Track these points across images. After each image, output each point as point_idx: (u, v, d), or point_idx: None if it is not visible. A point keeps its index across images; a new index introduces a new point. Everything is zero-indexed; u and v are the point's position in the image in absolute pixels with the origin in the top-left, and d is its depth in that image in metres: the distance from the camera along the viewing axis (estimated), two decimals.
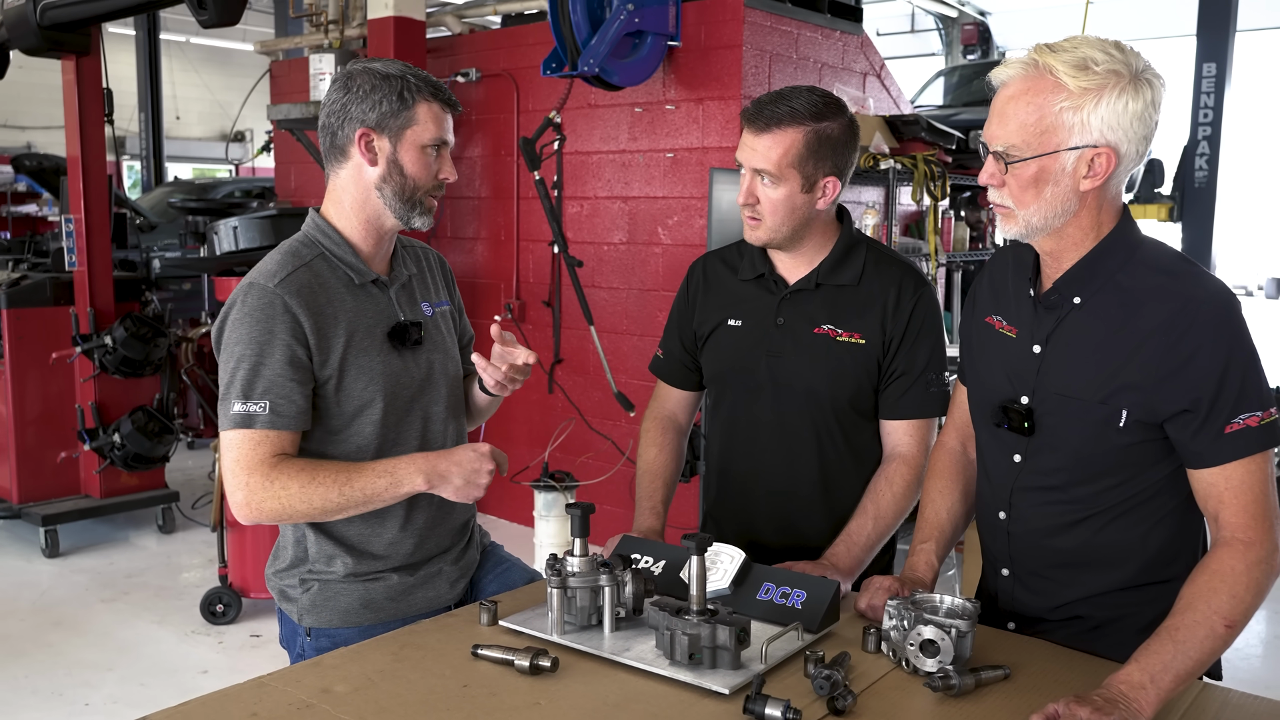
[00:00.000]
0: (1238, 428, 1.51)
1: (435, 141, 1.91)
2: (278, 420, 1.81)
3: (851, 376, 2.05)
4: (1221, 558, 1.51)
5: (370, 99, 1.87)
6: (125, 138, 17.64)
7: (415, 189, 1.92)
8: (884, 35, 13.65)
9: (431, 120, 1.90)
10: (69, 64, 5.09)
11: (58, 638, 4.22)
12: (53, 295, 5.29)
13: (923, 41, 14.18)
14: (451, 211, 5.88)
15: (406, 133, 1.89)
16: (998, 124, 1.57)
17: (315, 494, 1.80)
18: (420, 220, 1.95)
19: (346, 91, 1.90)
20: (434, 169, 1.93)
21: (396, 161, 1.90)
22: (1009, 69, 1.57)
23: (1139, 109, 1.52)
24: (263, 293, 1.84)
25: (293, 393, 1.82)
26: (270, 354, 1.81)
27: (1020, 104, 1.55)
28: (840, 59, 5.26)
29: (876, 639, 1.66)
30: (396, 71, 1.89)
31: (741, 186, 2.02)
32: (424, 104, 1.89)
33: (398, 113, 1.87)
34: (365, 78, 1.89)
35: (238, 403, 1.81)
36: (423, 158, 1.91)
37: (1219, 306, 1.54)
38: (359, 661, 1.63)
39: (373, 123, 1.88)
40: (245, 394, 1.81)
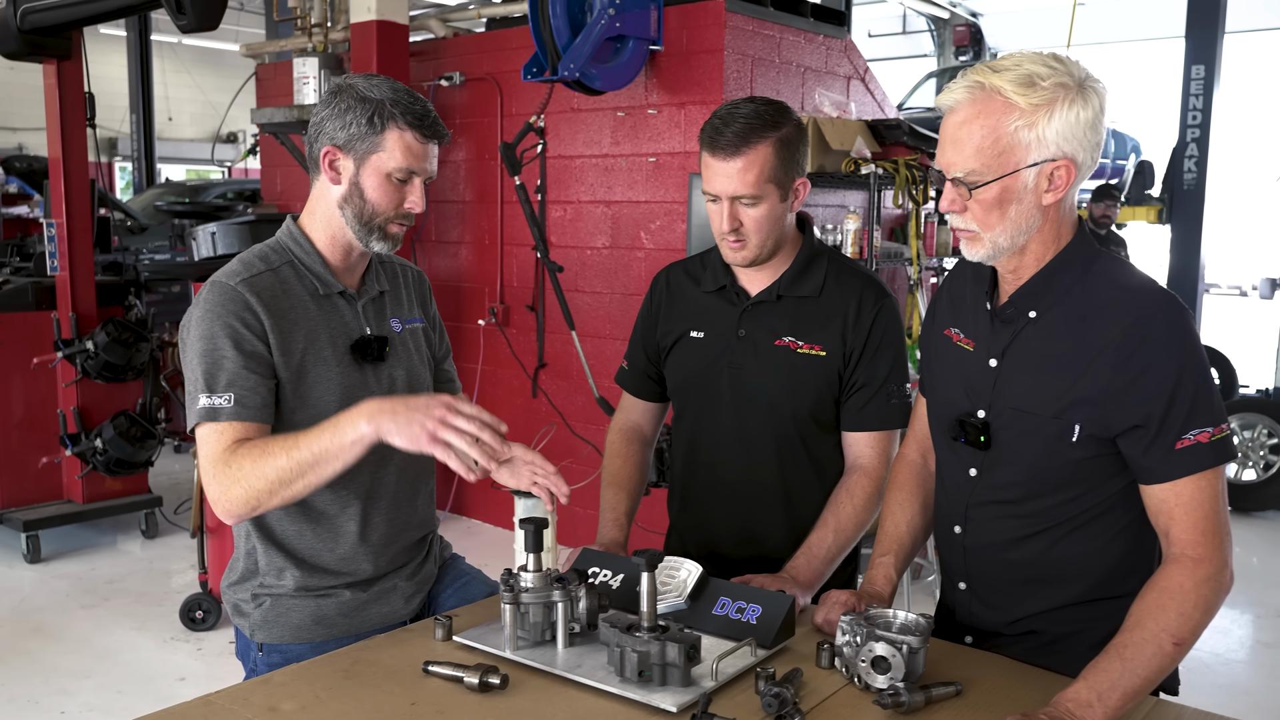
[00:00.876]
0: (1189, 444, 1.51)
1: (401, 171, 1.86)
2: (243, 412, 1.78)
3: (812, 388, 2.05)
4: (1170, 575, 1.51)
5: (344, 118, 1.85)
6: (117, 139, 17.63)
7: (375, 215, 1.88)
8: (876, 36, 13.66)
9: (400, 149, 1.84)
10: (50, 68, 5.08)
11: (36, 644, 4.21)
12: (35, 300, 5.27)
13: (915, 43, 14.19)
14: (436, 216, 5.88)
15: (371, 157, 1.85)
16: (953, 150, 1.56)
17: (268, 466, 1.72)
18: (380, 245, 1.92)
19: (328, 106, 1.88)
20: (398, 197, 1.88)
21: (358, 184, 1.87)
22: (955, 94, 1.56)
23: (1090, 117, 1.52)
24: (223, 289, 1.84)
25: (255, 385, 1.80)
26: (230, 348, 1.79)
27: (974, 128, 1.54)
28: (824, 63, 5.26)
29: (830, 655, 1.66)
30: (378, 95, 1.84)
31: (720, 215, 1.98)
32: (395, 131, 1.84)
33: (365, 136, 1.84)
34: (346, 95, 1.86)
35: (203, 397, 1.78)
36: (386, 185, 1.86)
37: (1171, 322, 1.53)
38: (309, 678, 1.62)
39: (340, 142, 1.86)
40: (209, 388, 1.78)
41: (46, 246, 5.23)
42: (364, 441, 1.71)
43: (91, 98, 5.22)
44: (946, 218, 1.64)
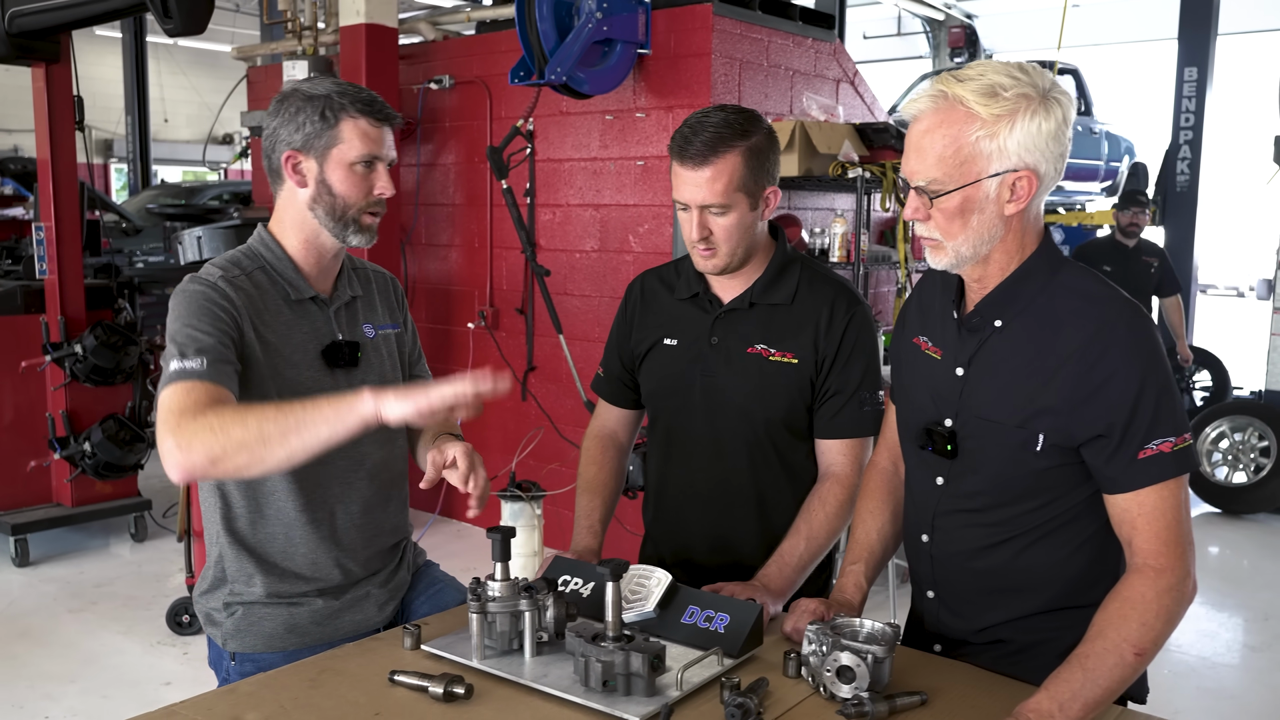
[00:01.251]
0: (1151, 453, 1.51)
1: (364, 158, 1.88)
2: (218, 375, 1.73)
3: (784, 396, 2.05)
4: (1133, 584, 1.51)
5: (295, 121, 1.87)
6: (113, 140, 17.64)
7: (347, 207, 1.90)
8: (870, 38, 13.66)
9: (358, 137, 1.87)
10: (39, 71, 5.07)
11: (22, 649, 4.20)
12: (23, 303, 5.26)
13: (910, 44, 14.19)
14: (426, 219, 5.88)
15: (332, 152, 1.87)
16: (916, 159, 1.57)
17: (250, 418, 1.63)
18: (358, 238, 1.93)
19: (277, 115, 1.89)
20: (366, 186, 1.91)
21: (325, 181, 1.89)
22: (919, 103, 1.56)
23: (1052, 128, 1.52)
24: (202, 282, 1.85)
25: (228, 359, 1.77)
26: (209, 325, 1.79)
27: (936, 137, 1.54)
28: (812, 66, 5.26)
29: (797, 664, 1.66)
30: (323, 91, 1.88)
31: (690, 224, 1.99)
32: (349, 121, 1.87)
33: (321, 133, 1.86)
34: (293, 99, 1.88)
35: (175, 361, 1.74)
36: (351, 175, 1.89)
37: (1135, 331, 1.54)
38: (274, 688, 1.62)
39: (298, 144, 1.87)
40: (182, 354, 1.74)
41: (35, 250, 5.22)
42: (363, 420, 1.62)
43: (80, 101, 5.22)
44: (911, 225, 1.64)
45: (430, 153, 5.81)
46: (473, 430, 5.66)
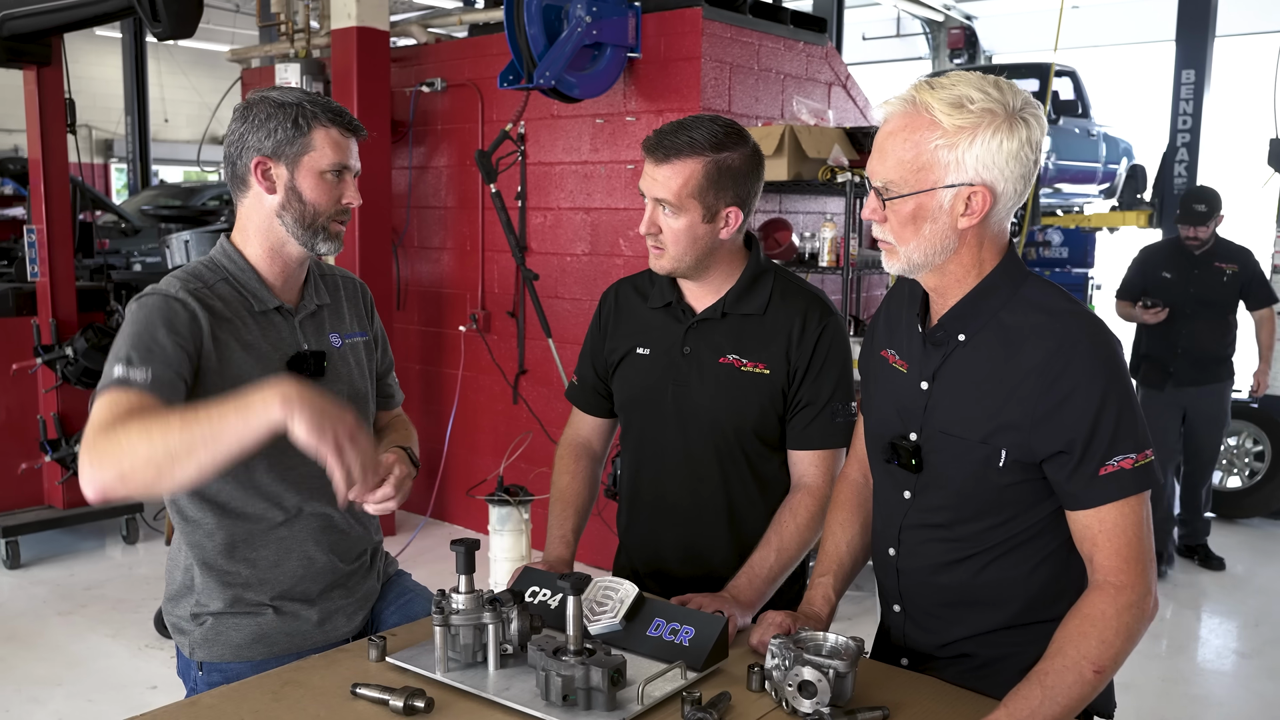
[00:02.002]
0: (1112, 470, 1.50)
1: (334, 167, 1.89)
2: (158, 388, 1.70)
3: (756, 406, 2.04)
4: (1093, 602, 1.50)
5: (266, 127, 1.86)
6: (113, 140, 17.66)
7: (316, 215, 1.90)
8: (870, 39, 13.65)
9: (330, 146, 1.88)
10: (30, 74, 5.09)
11: (9, 651, 4.21)
12: (15, 305, 5.27)
13: (909, 46, 14.18)
14: (418, 221, 5.88)
15: (303, 159, 1.87)
16: (878, 160, 1.57)
17: (155, 432, 1.57)
18: (325, 246, 1.94)
19: (243, 121, 1.89)
20: (335, 194, 1.91)
21: (295, 188, 1.89)
22: (890, 105, 1.56)
23: (1014, 148, 1.51)
24: (161, 293, 1.84)
25: (174, 377, 1.74)
26: (161, 335, 1.77)
27: (898, 140, 1.54)
28: (804, 69, 5.25)
29: (760, 677, 1.65)
30: (293, 99, 1.88)
31: (645, 216, 2.01)
32: (321, 130, 1.87)
33: (293, 139, 1.86)
34: (262, 106, 1.88)
35: (119, 366, 1.71)
36: (321, 184, 1.89)
37: (1096, 347, 1.53)
38: (236, 700, 1.62)
39: (269, 150, 1.87)
40: (128, 360, 1.71)
41: (26, 252, 5.23)
42: (272, 428, 1.56)
43: (72, 103, 5.23)
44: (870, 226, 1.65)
45: (422, 155, 5.81)
46: (465, 433, 5.67)
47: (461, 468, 5.73)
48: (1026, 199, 1.63)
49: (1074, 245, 11.49)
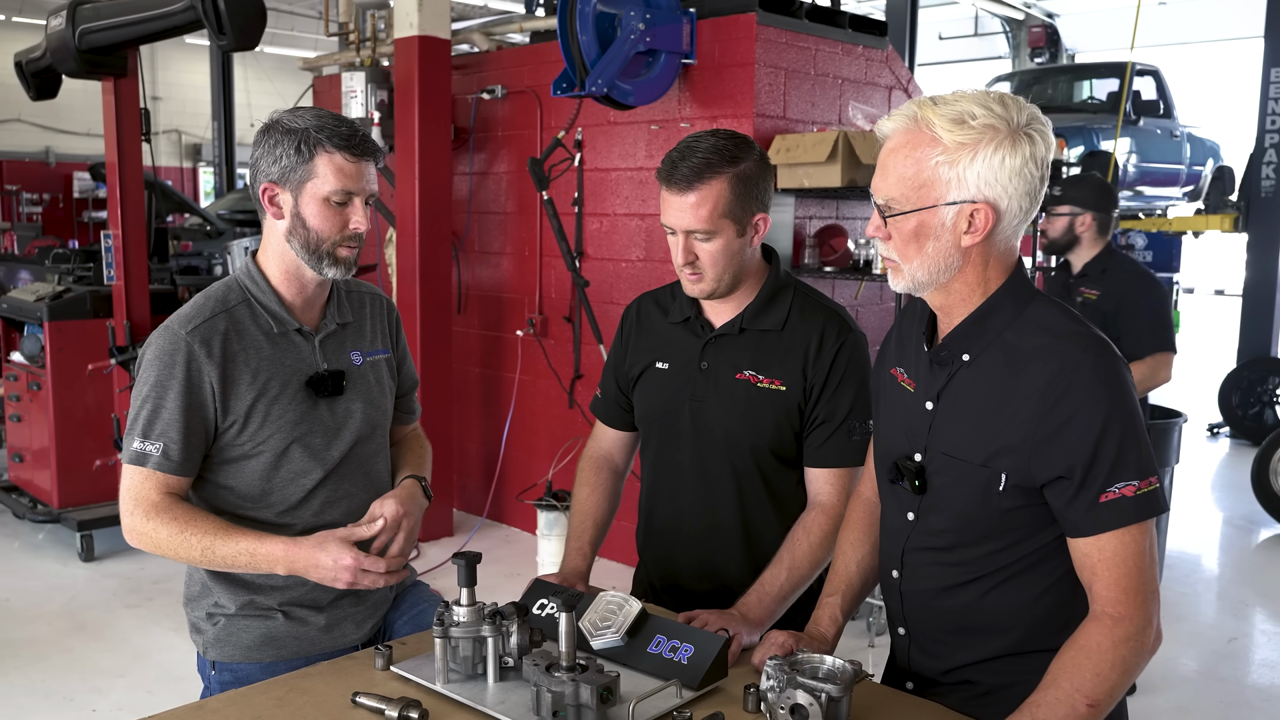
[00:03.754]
0: (1113, 497, 1.46)
1: (337, 193, 1.89)
2: (166, 464, 1.87)
3: (771, 423, 2.03)
4: (1089, 633, 1.46)
5: (273, 153, 1.89)
6: (201, 145, 18.23)
7: (320, 241, 1.91)
8: (946, 39, 13.42)
9: (333, 172, 1.88)
10: (108, 85, 5.27)
11: (78, 642, 4.38)
12: (92, 308, 5.48)
13: (988, 45, 13.90)
14: (479, 226, 5.95)
15: (307, 186, 1.89)
16: (880, 176, 1.56)
17: (182, 547, 1.86)
18: (333, 271, 1.95)
19: (259, 145, 1.92)
20: (340, 220, 1.91)
21: (299, 215, 1.90)
22: (891, 122, 1.55)
23: (1017, 165, 1.48)
24: (173, 338, 1.90)
25: (185, 438, 1.88)
26: (170, 398, 1.87)
27: (899, 157, 1.52)
28: (863, 74, 5.19)
29: (756, 699, 1.64)
30: (302, 124, 1.88)
31: (676, 248, 1.99)
32: (324, 155, 1.87)
33: (296, 166, 1.88)
34: (274, 131, 1.90)
35: (136, 440, 1.88)
36: (325, 209, 1.90)
37: (1100, 370, 1.49)
38: (241, 705, 1.66)
39: (275, 176, 1.90)
40: (145, 433, 1.87)
41: (104, 256, 5.42)
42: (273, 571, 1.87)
43: (147, 113, 5.40)
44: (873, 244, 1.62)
45: (483, 161, 5.88)
46: (522, 436, 5.73)
47: (518, 470, 5.78)
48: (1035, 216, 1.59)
49: (1158, 249, 11.14)
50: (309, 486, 1.98)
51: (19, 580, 5.10)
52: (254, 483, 1.95)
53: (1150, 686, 4.09)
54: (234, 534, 1.85)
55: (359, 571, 1.82)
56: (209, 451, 1.93)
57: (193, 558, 1.86)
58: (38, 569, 5.26)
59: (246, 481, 1.95)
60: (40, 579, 5.12)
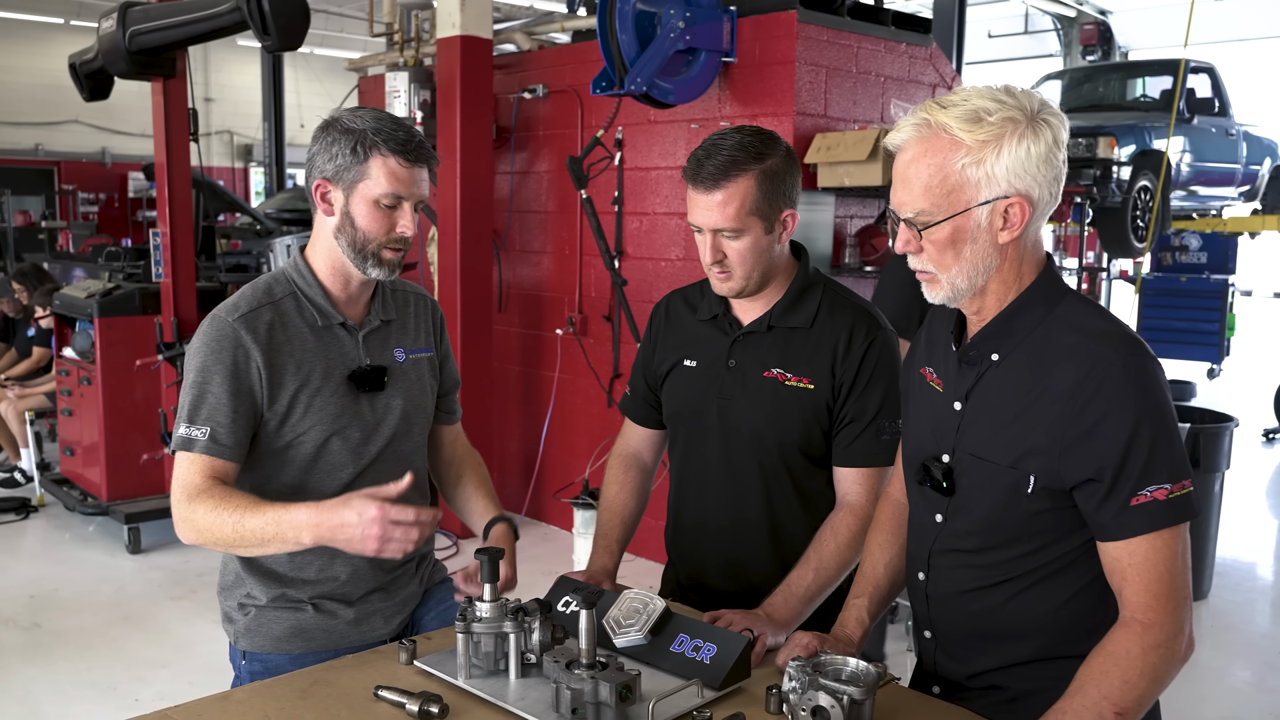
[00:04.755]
0: (1144, 500, 1.42)
1: (388, 196, 1.90)
2: (214, 448, 1.87)
3: (799, 421, 2.01)
4: (1118, 639, 1.43)
5: (329, 151, 1.90)
6: (252, 145, 18.50)
7: (367, 242, 1.93)
8: (996, 37, 13.24)
9: (385, 175, 1.89)
10: (157, 86, 5.36)
11: (123, 633, 4.46)
12: (141, 305, 5.58)
13: (1039, 43, 13.70)
14: (520, 225, 5.98)
15: (359, 186, 1.90)
16: (903, 190, 1.52)
17: (216, 526, 1.81)
18: (377, 272, 1.96)
19: (317, 142, 1.93)
20: (388, 223, 1.92)
21: (349, 214, 1.92)
22: (902, 132, 1.52)
23: (1042, 151, 1.46)
24: (221, 325, 1.92)
25: (232, 423, 1.88)
26: (216, 383, 1.88)
27: (921, 166, 1.49)
28: (906, 71, 5.13)
29: (778, 700, 1.62)
30: (360, 125, 1.89)
31: (704, 247, 1.98)
32: (379, 159, 1.88)
33: (351, 166, 1.89)
34: (332, 130, 1.91)
35: (183, 426, 1.89)
36: (374, 212, 1.91)
37: (1132, 369, 1.45)
38: (265, 697, 1.68)
39: (329, 174, 1.91)
40: (190, 418, 1.88)
41: (152, 254, 5.52)
42: (304, 547, 1.81)
43: (195, 113, 5.48)
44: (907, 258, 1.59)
45: (524, 160, 5.90)
46: (562, 434, 5.74)
47: (557, 468, 5.80)
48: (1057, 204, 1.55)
49: (1213, 250, 10.92)
50: (345, 480, 1.99)
51: (68, 571, 5.20)
52: (292, 475, 1.97)
53: (1199, 696, 4.00)
54: (262, 506, 1.81)
55: (387, 524, 1.71)
56: (253, 441, 1.95)
57: (227, 537, 1.81)
58: (86, 560, 5.37)
59: (285, 473, 1.97)
60: (88, 570, 5.22)
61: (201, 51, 17.33)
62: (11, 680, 4.00)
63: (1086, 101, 9.44)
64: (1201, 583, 4.95)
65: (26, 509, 6.06)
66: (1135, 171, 7.74)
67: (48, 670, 4.09)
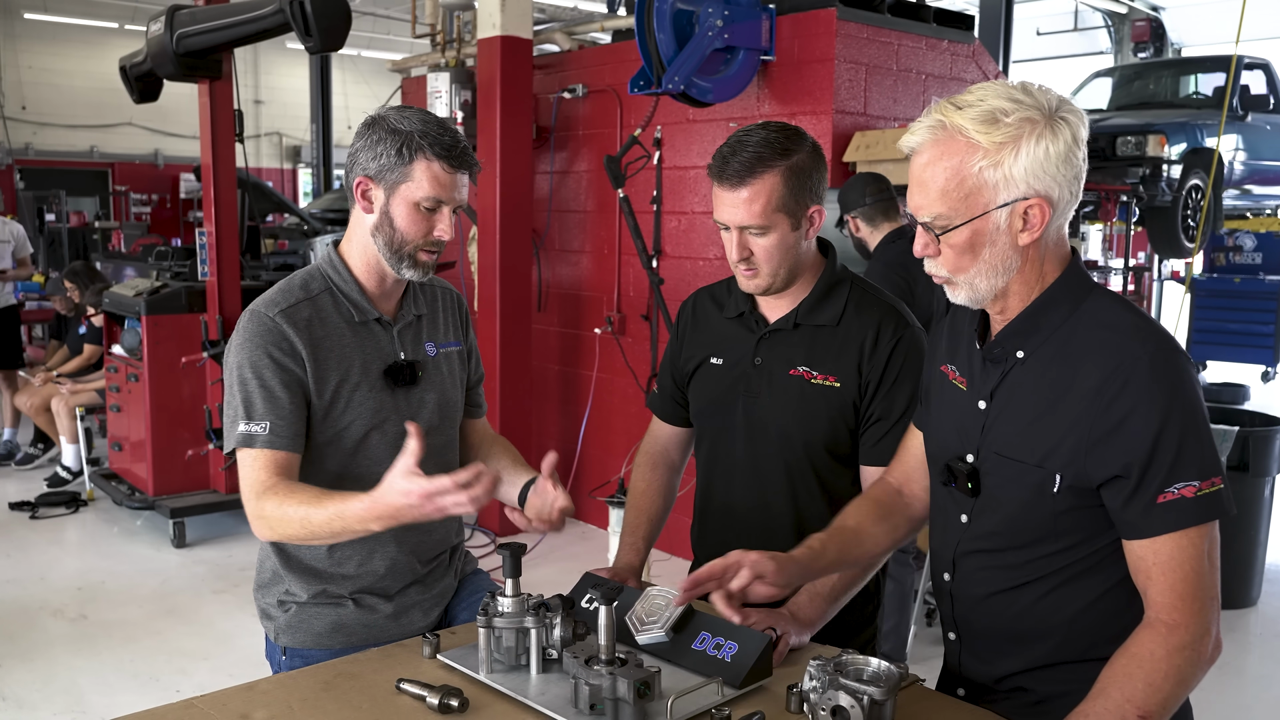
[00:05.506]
0: (1171, 498, 1.39)
1: (429, 200, 1.90)
2: (276, 440, 1.87)
3: (825, 420, 1.99)
4: (1142, 640, 1.40)
5: (374, 149, 1.90)
6: (301, 147, 18.75)
7: (404, 243, 1.93)
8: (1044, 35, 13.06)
9: (428, 179, 1.89)
10: (203, 88, 5.45)
11: (166, 625, 4.54)
12: (187, 303, 5.67)
13: (1088, 40, 13.49)
14: (559, 225, 6.00)
15: (401, 187, 1.89)
16: (919, 194, 1.50)
17: (285, 522, 1.82)
18: (410, 273, 1.96)
19: (362, 138, 1.93)
20: (427, 226, 1.92)
21: (388, 213, 1.92)
22: (917, 135, 1.49)
23: (1061, 151, 1.43)
24: (260, 319, 1.93)
25: (289, 414, 1.88)
26: (268, 375, 1.89)
27: (937, 170, 1.47)
28: (948, 69, 5.08)
29: (799, 699, 1.61)
30: (408, 126, 1.89)
31: (730, 244, 1.97)
32: (423, 162, 1.88)
33: (394, 167, 1.88)
34: (378, 128, 1.91)
35: (241, 423, 1.88)
36: (414, 214, 1.91)
37: (1159, 364, 1.42)
38: (289, 688, 1.70)
39: (372, 172, 1.91)
40: (247, 414, 1.88)
41: (198, 253, 5.61)
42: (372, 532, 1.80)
43: (240, 115, 5.56)
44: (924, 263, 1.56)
45: (564, 160, 5.92)
46: (600, 433, 5.75)
47: (595, 467, 5.81)
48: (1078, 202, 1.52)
49: (1269, 251, 10.67)
50: (382, 476, 2.00)
51: (115, 564, 5.31)
52: (334, 469, 1.98)
53: (1245, 705, 3.92)
54: (323, 500, 1.80)
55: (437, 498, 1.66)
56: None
57: (297, 532, 1.82)
58: (132, 554, 5.47)
59: (327, 467, 1.98)
60: (134, 563, 5.32)
61: (252, 55, 17.62)
62: (59, 670, 4.09)
63: (1137, 99, 9.27)
64: (1250, 589, 4.84)
65: (76, 503, 6.19)
66: (1186, 170, 7.59)
67: (93, 660, 4.18)
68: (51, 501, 6.14)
